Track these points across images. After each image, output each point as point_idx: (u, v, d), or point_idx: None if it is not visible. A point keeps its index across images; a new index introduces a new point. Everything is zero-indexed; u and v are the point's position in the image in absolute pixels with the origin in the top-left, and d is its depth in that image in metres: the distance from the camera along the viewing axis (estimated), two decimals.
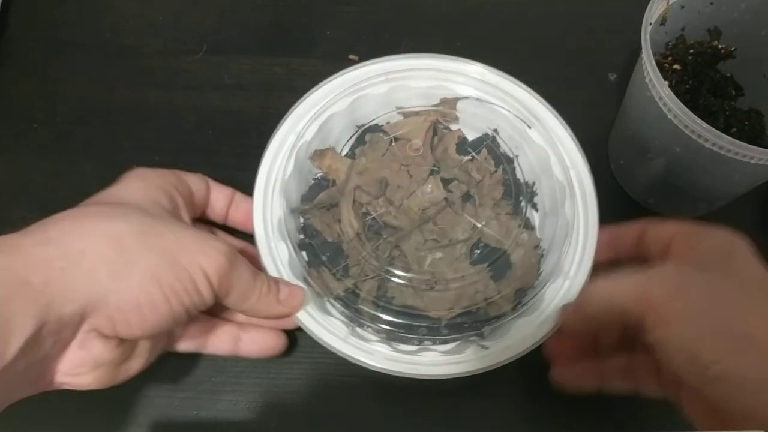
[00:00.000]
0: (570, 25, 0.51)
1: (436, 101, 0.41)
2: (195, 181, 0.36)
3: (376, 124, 0.41)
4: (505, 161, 0.41)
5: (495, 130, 0.41)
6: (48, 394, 0.37)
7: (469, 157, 0.41)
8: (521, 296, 0.37)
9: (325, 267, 0.36)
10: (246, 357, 0.36)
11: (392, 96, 0.40)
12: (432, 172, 0.39)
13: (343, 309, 0.35)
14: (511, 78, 0.40)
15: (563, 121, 0.39)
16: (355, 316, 0.35)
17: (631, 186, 0.44)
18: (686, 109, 0.33)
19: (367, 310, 0.35)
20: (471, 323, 0.36)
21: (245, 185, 0.38)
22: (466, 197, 0.40)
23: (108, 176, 0.45)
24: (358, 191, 0.38)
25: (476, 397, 0.38)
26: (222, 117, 0.46)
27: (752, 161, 0.32)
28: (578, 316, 0.31)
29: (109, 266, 0.26)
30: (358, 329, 0.34)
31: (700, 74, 0.42)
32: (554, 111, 0.40)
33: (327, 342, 0.33)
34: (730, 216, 0.43)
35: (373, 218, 0.37)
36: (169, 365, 0.38)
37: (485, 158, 0.41)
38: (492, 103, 0.40)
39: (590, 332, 0.32)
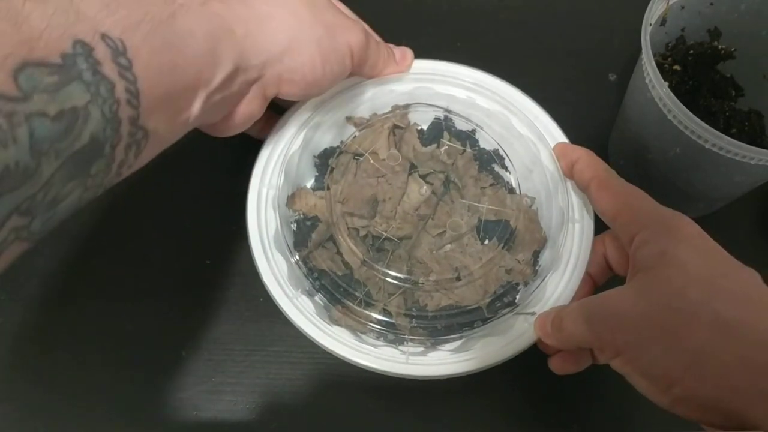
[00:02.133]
0: (570, 26, 0.51)
1: (386, 110, 0.41)
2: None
3: (335, 148, 0.41)
4: (466, 137, 0.41)
5: (446, 111, 0.41)
6: (49, 395, 0.37)
7: (436, 144, 0.41)
8: (538, 257, 0.37)
9: (348, 301, 0.35)
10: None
11: (340, 116, 0.40)
12: (410, 173, 0.39)
13: (383, 332, 0.35)
14: (451, 63, 0.41)
15: (514, 86, 0.40)
16: (397, 335, 0.34)
17: None
18: (686, 110, 0.33)
19: (404, 324, 0.35)
20: (505, 300, 0.36)
21: (244, 186, 0.38)
22: (447, 184, 0.40)
23: None
24: (348, 218, 0.38)
25: (476, 396, 0.38)
26: None
27: (752, 162, 0.32)
28: (554, 340, 0.31)
29: (288, 31, 0.32)
30: (402, 347, 0.34)
31: (700, 75, 0.42)
32: (504, 80, 0.40)
33: (392, 371, 0.33)
34: (730, 216, 0.43)
35: (374, 237, 0.37)
36: (169, 365, 0.38)
37: (450, 140, 0.41)
38: (432, 105, 0.41)
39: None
